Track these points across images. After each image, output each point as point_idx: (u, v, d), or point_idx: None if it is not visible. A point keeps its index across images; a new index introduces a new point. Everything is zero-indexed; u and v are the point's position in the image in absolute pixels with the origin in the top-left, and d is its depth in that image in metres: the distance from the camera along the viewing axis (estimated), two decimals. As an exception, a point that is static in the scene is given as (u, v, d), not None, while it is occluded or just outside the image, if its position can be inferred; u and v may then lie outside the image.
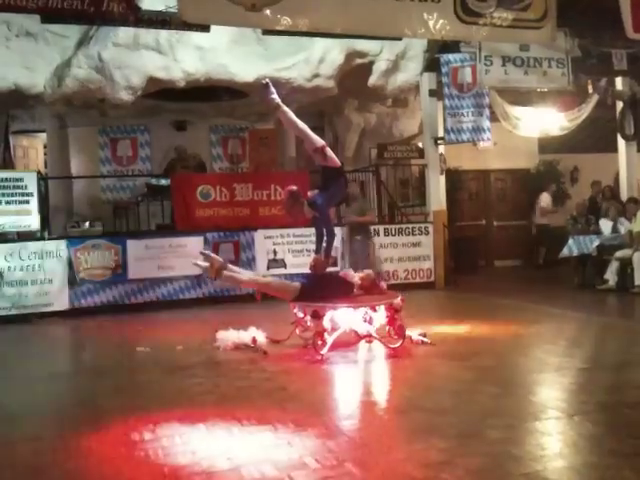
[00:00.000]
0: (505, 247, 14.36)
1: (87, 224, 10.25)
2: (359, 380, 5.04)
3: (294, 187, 6.15)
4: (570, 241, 10.00)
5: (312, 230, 6.29)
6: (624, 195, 10.88)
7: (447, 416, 3.74)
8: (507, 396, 4.15)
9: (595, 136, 13.09)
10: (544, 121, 10.86)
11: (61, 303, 8.71)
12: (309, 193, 6.11)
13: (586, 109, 10.81)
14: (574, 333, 6.50)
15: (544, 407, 3.90)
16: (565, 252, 10.05)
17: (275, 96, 5.91)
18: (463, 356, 5.34)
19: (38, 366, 5.79)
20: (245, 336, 6.01)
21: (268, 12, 6.20)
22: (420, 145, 11.47)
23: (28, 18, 8.57)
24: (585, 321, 7.22)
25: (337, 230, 7.78)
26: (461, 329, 6.74)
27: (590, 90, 10.83)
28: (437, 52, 10.46)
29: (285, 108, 5.91)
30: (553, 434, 3.44)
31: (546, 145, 13.61)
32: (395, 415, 3.94)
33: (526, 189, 14.40)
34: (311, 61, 10.44)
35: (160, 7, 8.02)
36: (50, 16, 7.50)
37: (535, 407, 3.95)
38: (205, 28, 8.07)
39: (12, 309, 8.42)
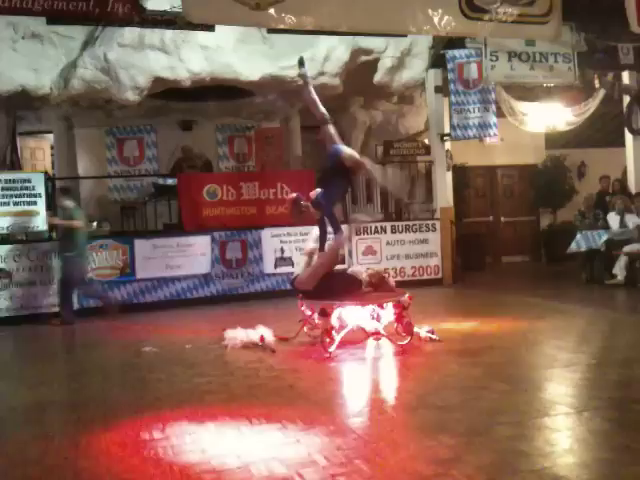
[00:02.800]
0: (512, 243, 14.33)
1: (94, 224, 10.27)
2: (367, 377, 5.04)
3: (295, 194, 6.10)
4: (578, 236, 9.95)
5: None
6: (632, 190, 10.82)
7: (456, 413, 3.74)
8: (516, 392, 4.15)
9: (602, 131, 13.03)
10: (551, 116, 10.82)
11: (70, 303, 8.74)
12: (311, 193, 6.08)
13: (593, 104, 10.76)
14: (583, 329, 6.49)
15: (553, 403, 3.90)
16: (573, 247, 10.00)
17: (306, 69, 6.22)
18: (471, 353, 5.34)
19: (47, 366, 5.82)
20: (253, 334, 6.02)
21: (272, 11, 6.20)
22: (426, 142, 11.45)
23: (34, 20, 8.58)
24: (594, 316, 7.19)
25: (344, 227, 7.71)
26: (469, 325, 6.73)
27: (597, 85, 10.77)
28: (442, 48, 10.42)
29: (311, 88, 6.04)
30: (562, 430, 3.44)
31: (553, 140, 13.55)
32: (404, 412, 3.94)
33: (533, 185, 14.35)
34: (316, 59, 10.41)
35: (165, 7, 8.03)
36: (56, 18, 7.52)
37: (544, 403, 3.94)
38: (210, 28, 8.08)
39: (21, 309, 8.47)
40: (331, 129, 5.98)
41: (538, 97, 10.99)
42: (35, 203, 8.74)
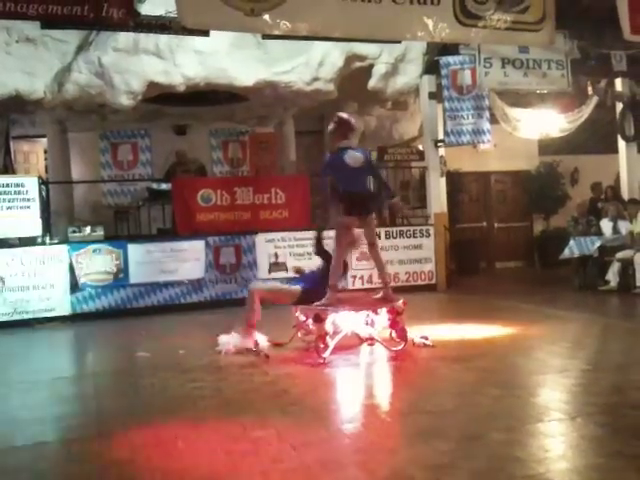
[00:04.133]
0: (506, 249, 14.37)
1: (88, 229, 10.21)
2: (361, 383, 5.04)
3: (345, 115, 6.35)
4: (571, 242, 9.98)
5: (313, 233, 6.20)
6: (625, 196, 10.88)
7: (449, 418, 3.74)
8: (509, 398, 4.15)
9: (595, 137, 13.09)
10: (544, 123, 10.86)
11: (63, 308, 8.70)
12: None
13: (586, 110, 10.82)
14: (576, 334, 6.50)
15: (547, 409, 3.90)
16: (566, 253, 10.03)
17: None
18: (465, 358, 5.34)
19: (40, 371, 5.78)
20: (247, 340, 6.01)
21: (267, 17, 6.21)
22: (420, 148, 11.48)
23: (28, 24, 8.58)
24: (587, 322, 7.21)
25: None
26: (463, 331, 6.73)
27: (590, 91, 10.84)
28: (437, 55, 10.46)
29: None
30: (556, 436, 3.44)
31: (546, 147, 13.61)
32: (397, 418, 3.94)
33: (527, 191, 14.40)
34: (311, 65, 10.44)
35: (160, 12, 8.04)
36: (50, 22, 7.51)
37: (538, 409, 3.94)
38: (204, 33, 8.09)
39: (14, 314, 8.42)
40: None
41: (531, 104, 11.04)
42: (28, 207, 8.70)
